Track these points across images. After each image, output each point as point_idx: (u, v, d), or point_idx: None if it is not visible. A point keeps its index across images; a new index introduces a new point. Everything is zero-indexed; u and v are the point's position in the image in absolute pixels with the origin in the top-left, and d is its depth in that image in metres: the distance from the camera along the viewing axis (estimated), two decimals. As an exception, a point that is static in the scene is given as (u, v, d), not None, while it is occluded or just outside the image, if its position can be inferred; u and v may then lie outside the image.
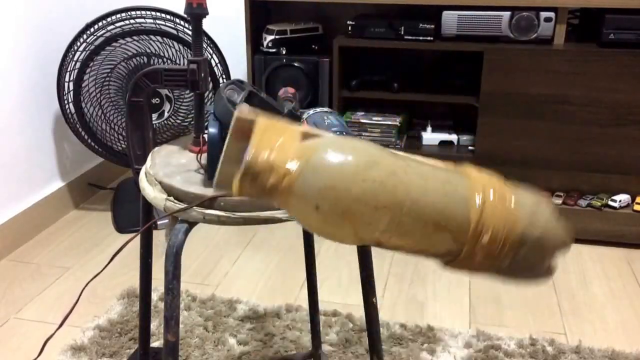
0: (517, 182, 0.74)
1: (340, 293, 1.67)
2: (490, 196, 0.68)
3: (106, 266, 0.97)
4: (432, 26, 1.93)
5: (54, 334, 1.05)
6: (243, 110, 0.69)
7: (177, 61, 1.97)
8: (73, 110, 1.95)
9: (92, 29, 1.95)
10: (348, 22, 2.01)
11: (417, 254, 0.70)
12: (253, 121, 0.68)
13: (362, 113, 2.14)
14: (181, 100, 2.02)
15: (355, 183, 0.64)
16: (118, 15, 1.96)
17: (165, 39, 1.93)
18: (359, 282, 1.71)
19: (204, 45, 1.99)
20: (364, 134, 2.08)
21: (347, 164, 0.65)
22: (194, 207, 0.86)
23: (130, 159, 1.10)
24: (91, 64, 1.90)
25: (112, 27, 1.93)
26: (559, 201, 1.89)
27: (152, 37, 1.92)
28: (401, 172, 0.66)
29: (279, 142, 0.67)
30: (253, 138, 0.67)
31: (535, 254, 0.69)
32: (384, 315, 1.58)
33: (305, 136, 0.69)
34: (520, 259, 0.68)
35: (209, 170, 0.89)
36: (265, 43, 2.10)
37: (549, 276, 0.73)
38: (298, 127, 0.70)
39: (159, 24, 1.96)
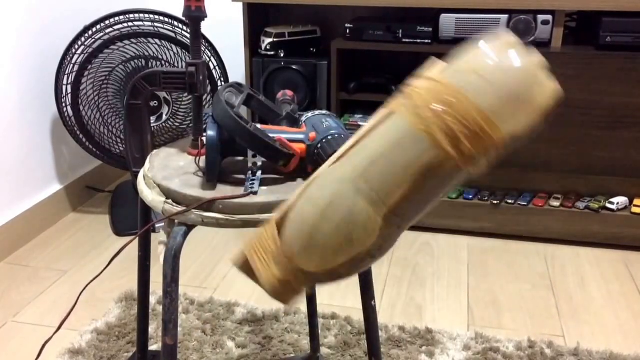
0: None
1: (339, 296, 1.67)
2: (429, 111, 0.62)
3: (104, 269, 0.97)
4: (430, 29, 1.93)
5: (51, 337, 1.04)
6: (235, 260, 0.78)
7: (176, 64, 1.97)
8: (71, 113, 1.95)
9: (90, 32, 1.95)
10: (346, 25, 2.01)
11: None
12: (246, 257, 0.77)
13: (361, 116, 2.14)
14: (179, 103, 2.02)
15: (335, 236, 0.68)
16: (116, 18, 1.96)
17: (163, 41, 1.94)
18: (357, 285, 1.71)
19: (202, 48, 1.99)
20: (362, 136, 2.08)
21: (319, 226, 0.69)
22: (193, 210, 0.86)
23: (128, 161, 1.10)
24: (89, 66, 1.90)
25: (110, 30, 1.94)
26: (557, 203, 1.90)
27: (150, 40, 1.92)
28: (361, 183, 0.67)
29: (271, 259, 0.74)
30: (255, 273, 0.75)
31: (523, 111, 0.61)
32: (382, 317, 1.58)
33: (280, 222, 0.74)
34: (518, 126, 0.61)
35: (207, 173, 0.89)
36: (263, 46, 2.10)
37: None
38: (272, 222, 0.74)
39: (157, 27, 1.96)
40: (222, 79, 2.08)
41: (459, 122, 0.61)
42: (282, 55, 2.09)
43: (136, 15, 1.97)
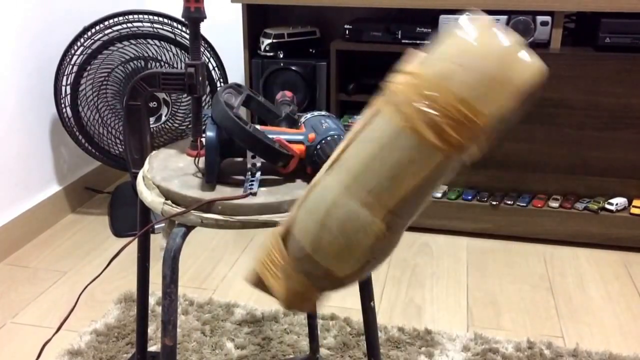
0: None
1: (338, 296, 1.67)
2: (411, 107, 0.62)
3: (103, 270, 0.97)
4: (429, 30, 1.93)
5: (51, 338, 1.04)
6: (248, 278, 0.79)
7: (175, 65, 1.97)
8: (70, 114, 1.95)
9: (89, 33, 1.95)
10: (345, 26, 2.01)
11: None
12: (258, 274, 0.77)
13: (360, 117, 2.14)
14: (179, 104, 2.02)
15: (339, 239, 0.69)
16: (115, 19, 1.96)
17: (162, 42, 1.94)
18: (356, 286, 1.71)
19: (202, 49, 1.99)
20: (361, 137, 2.09)
21: (323, 234, 0.69)
22: (192, 211, 0.86)
23: (127, 162, 1.10)
24: (88, 67, 1.90)
25: (109, 30, 1.94)
26: (556, 204, 1.90)
27: (149, 41, 1.92)
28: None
29: (280, 272, 0.75)
30: (268, 287, 0.77)
31: (506, 93, 0.61)
32: (381, 318, 1.58)
33: (284, 236, 0.74)
34: (502, 108, 0.61)
35: (207, 174, 0.89)
36: (262, 47, 2.10)
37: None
38: (276, 236, 0.75)
39: (156, 28, 1.96)
40: (221, 80, 2.08)
41: (443, 114, 0.61)
42: (281, 56, 2.09)
43: (135, 16, 1.97)
